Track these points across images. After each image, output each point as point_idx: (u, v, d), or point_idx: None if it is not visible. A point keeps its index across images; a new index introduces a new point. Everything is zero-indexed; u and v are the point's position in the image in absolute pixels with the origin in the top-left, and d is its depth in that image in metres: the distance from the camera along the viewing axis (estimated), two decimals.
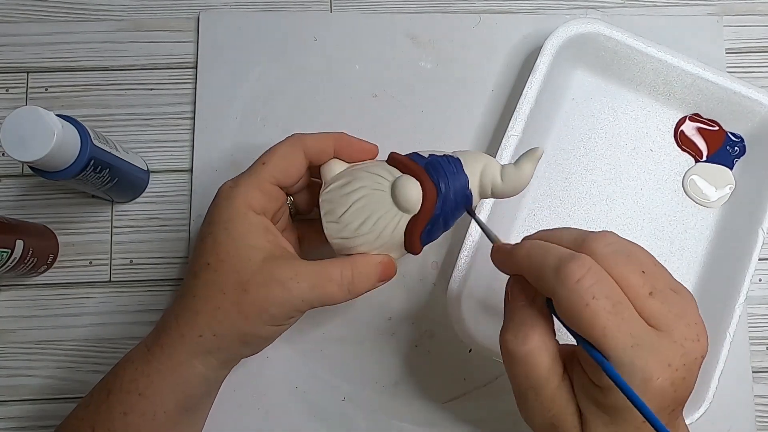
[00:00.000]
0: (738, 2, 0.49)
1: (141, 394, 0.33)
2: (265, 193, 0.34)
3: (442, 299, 0.45)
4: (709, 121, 0.46)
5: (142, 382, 0.33)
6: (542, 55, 0.43)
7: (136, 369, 0.34)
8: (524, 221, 0.45)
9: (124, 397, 0.33)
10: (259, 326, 0.33)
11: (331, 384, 0.44)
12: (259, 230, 0.34)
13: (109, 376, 0.35)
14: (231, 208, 0.34)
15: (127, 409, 0.33)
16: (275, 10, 0.48)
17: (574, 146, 0.46)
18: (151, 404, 0.33)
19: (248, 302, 0.32)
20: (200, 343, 0.33)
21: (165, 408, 0.34)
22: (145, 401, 0.33)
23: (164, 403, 0.34)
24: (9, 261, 0.39)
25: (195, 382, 0.34)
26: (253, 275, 0.32)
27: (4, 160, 0.46)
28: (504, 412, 0.44)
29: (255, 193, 0.34)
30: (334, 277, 0.33)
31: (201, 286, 0.33)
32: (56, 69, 0.47)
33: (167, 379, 0.34)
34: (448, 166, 0.34)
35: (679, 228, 0.45)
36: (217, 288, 0.33)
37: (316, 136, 0.36)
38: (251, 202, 0.34)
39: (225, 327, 0.33)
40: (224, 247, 0.33)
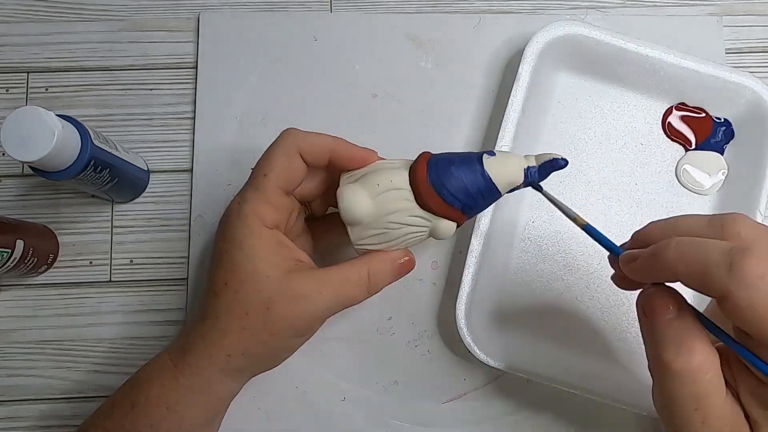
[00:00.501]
0: (738, 2, 0.49)
1: (169, 408, 0.34)
2: (273, 206, 0.34)
3: (442, 299, 0.45)
4: (696, 109, 0.46)
5: (171, 397, 0.34)
6: (524, 62, 0.44)
7: (163, 384, 0.34)
8: (524, 230, 0.45)
9: (150, 411, 0.34)
10: (286, 341, 0.34)
11: (331, 384, 0.44)
12: (272, 246, 0.34)
13: (129, 388, 0.35)
14: (243, 227, 0.33)
15: (154, 422, 0.33)
16: (275, 10, 0.48)
17: (564, 149, 0.46)
18: (179, 418, 0.34)
19: (274, 320, 0.33)
20: (229, 362, 0.34)
21: (193, 421, 0.34)
22: (174, 415, 0.34)
23: (193, 416, 0.34)
24: (9, 261, 0.39)
25: (225, 397, 0.35)
26: (275, 293, 0.33)
27: (4, 160, 0.46)
28: (504, 412, 0.44)
29: (264, 208, 0.34)
30: (353, 280, 0.34)
31: (224, 307, 0.33)
32: (56, 69, 0.47)
33: (198, 395, 0.34)
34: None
35: None
36: (241, 308, 0.33)
37: (312, 140, 0.35)
38: (262, 218, 0.34)
39: (253, 346, 0.33)
40: (241, 266, 0.33)
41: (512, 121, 0.43)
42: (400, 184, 0.33)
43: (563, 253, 0.45)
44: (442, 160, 0.34)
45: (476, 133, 0.47)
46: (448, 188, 0.33)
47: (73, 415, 0.43)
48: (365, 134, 0.46)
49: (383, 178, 0.33)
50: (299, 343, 0.36)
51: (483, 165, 0.33)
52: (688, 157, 0.46)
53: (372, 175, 0.34)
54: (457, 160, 0.34)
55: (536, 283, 0.45)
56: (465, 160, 0.34)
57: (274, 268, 0.33)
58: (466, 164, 0.33)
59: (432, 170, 0.33)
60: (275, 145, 0.35)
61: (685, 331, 0.26)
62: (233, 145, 0.46)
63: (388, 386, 0.44)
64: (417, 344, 0.44)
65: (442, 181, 0.33)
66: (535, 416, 0.44)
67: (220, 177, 0.46)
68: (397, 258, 0.35)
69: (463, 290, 0.41)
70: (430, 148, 0.46)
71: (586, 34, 0.44)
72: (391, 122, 0.47)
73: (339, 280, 0.34)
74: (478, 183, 0.33)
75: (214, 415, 0.36)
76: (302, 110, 0.47)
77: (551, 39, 0.44)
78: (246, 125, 0.46)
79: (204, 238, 0.45)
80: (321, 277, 0.34)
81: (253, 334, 0.33)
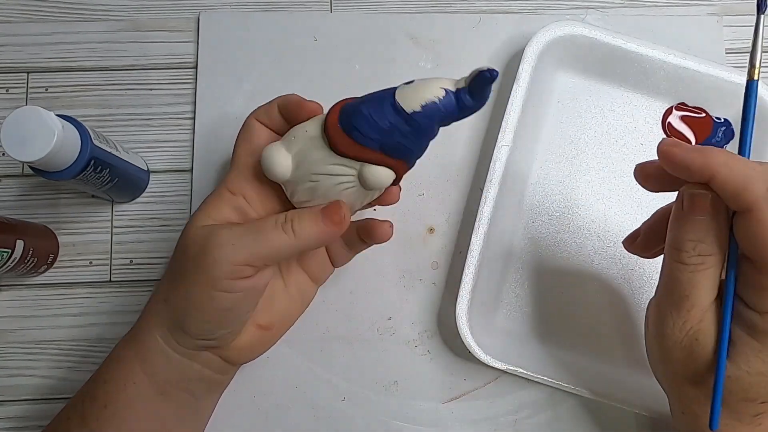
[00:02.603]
0: (738, 2, 0.49)
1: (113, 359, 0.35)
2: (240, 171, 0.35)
3: (442, 299, 0.45)
4: (696, 109, 0.46)
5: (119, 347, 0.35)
6: (524, 62, 0.44)
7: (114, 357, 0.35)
8: (524, 230, 0.45)
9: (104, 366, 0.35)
10: (204, 290, 0.32)
11: (331, 384, 0.44)
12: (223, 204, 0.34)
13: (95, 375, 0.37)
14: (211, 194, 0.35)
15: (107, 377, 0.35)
16: (275, 10, 0.48)
17: (564, 149, 0.46)
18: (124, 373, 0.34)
19: (188, 262, 0.32)
20: (159, 311, 0.34)
21: (135, 380, 0.34)
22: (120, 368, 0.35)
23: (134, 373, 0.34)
24: (9, 261, 0.39)
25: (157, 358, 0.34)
26: (196, 238, 0.33)
27: (4, 160, 0.46)
28: (504, 412, 0.44)
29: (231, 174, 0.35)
30: (270, 222, 0.32)
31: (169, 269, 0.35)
32: (56, 69, 0.47)
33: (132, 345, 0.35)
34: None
35: None
36: (174, 256, 0.34)
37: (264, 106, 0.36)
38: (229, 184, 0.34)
39: (174, 291, 0.33)
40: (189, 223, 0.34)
41: (512, 121, 0.43)
42: (314, 132, 0.32)
43: (563, 253, 0.45)
44: (354, 103, 0.31)
45: (476, 133, 0.47)
46: (357, 128, 0.30)
47: None
48: None
49: (299, 129, 0.33)
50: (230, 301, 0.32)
51: (394, 96, 0.30)
52: None
53: (291, 130, 0.33)
54: (369, 97, 0.31)
55: (537, 282, 0.45)
56: (377, 95, 0.31)
57: (207, 218, 0.33)
58: (376, 99, 0.31)
59: (343, 113, 0.31)
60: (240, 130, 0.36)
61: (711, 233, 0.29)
62: (233, 145, 0.46)
63: (388, 386, 0.44)
64: (417, 344, 0.44)
65: (351, 122, 0.30)
66: (535, 416, 0.44)
67: (220, 177, 0.46)
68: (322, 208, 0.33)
69: (463, 290, 0.41)
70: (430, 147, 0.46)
71: (586, 34, 0.44)
72: None
73: (256, 224, 0.32)
74: (388, 115, 0.30)
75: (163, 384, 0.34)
76: None
77: (551, 39, 0.44)
78: None
79: None
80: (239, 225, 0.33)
81: (173, 278, 0.34)
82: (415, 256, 0.45)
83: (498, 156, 0.42)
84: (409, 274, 0.45)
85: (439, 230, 0.46)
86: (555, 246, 0.45)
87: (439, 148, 0.47)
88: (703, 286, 0.29)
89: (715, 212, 0.29)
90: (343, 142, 0.31)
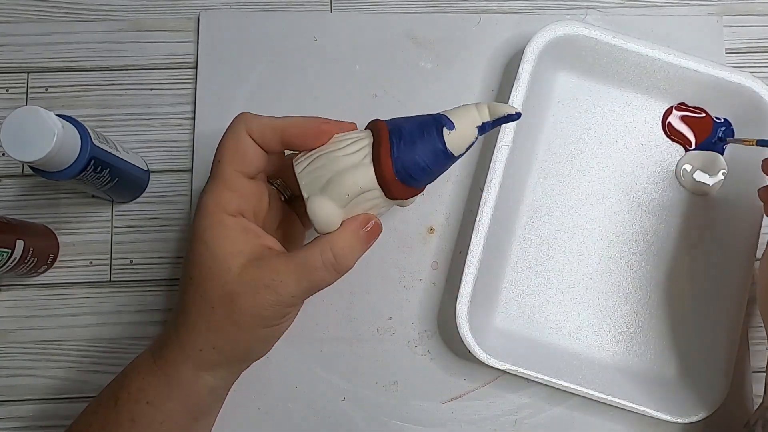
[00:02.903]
0: (738, 2, 0.49)
1: (149, 403, 0.33)
2: (234, 191, 0.33)
3: (442, 299, 0.45)
4: (696, 109, 0.46)
5: (149, 391, 0.34)
6: (524, 62, 0.43)
7: (143, 379, 0.34)
8: (524, 229, 0.45)
9: (132, 406, 0.33)
10: (255, 332, 0.33)
11: (331, 384, 0.44)
12: (236, 233, 0.33)
13: (114, 384, 0.35)
14: (203, 219, 0.33)
15: (135, 417, 0.33)
16: (275, 10, 0.48)
17: (564, 149, 0.46)
18: (159, 413, 0.33)
19: (238, 312, 0.32)
20: (202, 356, 0.33)
21: (173, 417, 0.34)
22: (154, 410, 0.33)
23: (172, 411, 0.34)
24: (9, 261, 0.39)
25: (203, 393, 0.34)
26: (237, 284, 0.32)
27: (4, 160, 0.46)
28: (504, 412, 0.44)
29: (224, 195, 0.33)
30: (317, 264, 0.32)
31: (190, 301, 0.33)
32: (56, 69, 0.47)
33: (175, 390, 0.34)
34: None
35: (678, 219, 0.46)
36: (206, 303, 0.32)
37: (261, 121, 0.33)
38: (223, 206, 0.32)
39: (222, 340, 0.33)
40: (203, 259, 0.32)
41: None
42: (368, 185, 0.32)
43: (563, 253, 0.45)
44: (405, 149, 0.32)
45: None
46: (415, 178, 0.33)
47: (73, 415, 0.42)
48: None
49: (350, 185, 0.32)
50: (273, 333, 0.34)
51: (445, 144, 0.33)
52: (688, 157, 0.46)
53: (336, 182, 0.32)
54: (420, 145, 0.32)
55: (536, 283, 0.45)
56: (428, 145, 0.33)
57: (236, 258, 0.32)
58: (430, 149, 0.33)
59: (397, 164, 0.32)
60: (226, 131, 0.34)
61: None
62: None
63: (388, 386, 0.44)
64: (417, 344, 0.44)
65: (410, 174, 0.33)
66: (535, 416, 0.44)
67: None
68: (360, 227, 0.33)
69: (463, 290, 0.41)
70: None
71: (586, 34, 0.44)
72: None
73: (302, 265, 0.32)
74: (441, 162, 0.33)
75: (199, 411, 0.35)
76: (302, 110, 0.46)
77: (551, 39, 0.44)
78: None
79: None
80: (283, 265, 0.32)
81: (221, 329, 0.33)
82: (415, 256, 0.45)
83: (498, 156, 0.42)
84: (409, 274, 0.45)
85: (439, 230, 0.46)
86: (555, 246, 0.45)
87: None
88: None
89: None
90: (399, 191, 0.33)
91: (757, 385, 0.44)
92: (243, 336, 0.33)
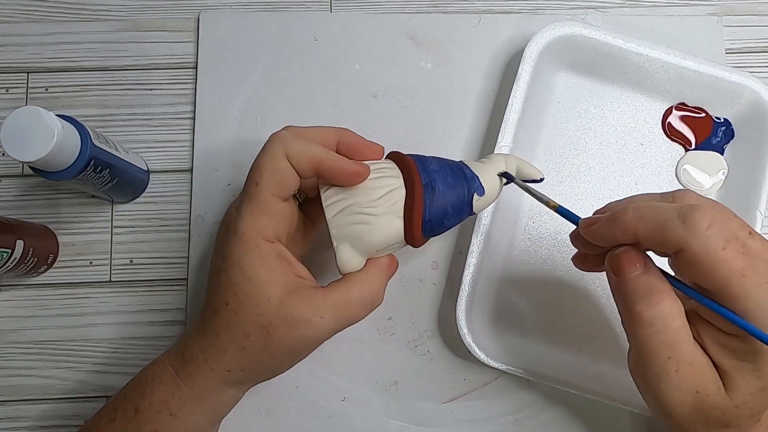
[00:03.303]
0: (738, 2, 0.49)
1: (173, 415, 0.34)
2: (271, 216, 0.33)
3: (442, 299, 0.45)
4: (696, 109, 0.46)
5: (173, 403, 0.34)
6: (524, 62, 0.44)
7: (165, 391, 0.34)
8: (524, 229, 0.45)
9: (154, 417, 0.34)
10: (286, 362, 0.35)
11: (331, 384, 0.44)
12: (273, 262, 0.33)
13: (131, 392, 0.35)
14: (240, 245, 0.33)
15: (158, 428, 0.34)
16: (275, 10, 0.48)
17: (565, 149, 0.46)
18: (182, 424, 0.34)
19: (274, 343, 0.33)
20: (229, 376, 0.34)
21: (196, 427, 0.35)
22: (178, 422, 0.34)
23: (196, 422, 0.34)
24: (9, 261, 0.39)
25: (228, 404, 0.36)
26: (276, 317, 0.32)
27: (4, 160, 0.46)
28: (504, 412, 0.44)
29: (262, 221, 0.33)
30: (355, 301, 0.34)
31: (224, 326, 0.33)
32: (56, 69, 0.47)
33: (199, 403, 0.34)
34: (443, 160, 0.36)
35: None
36: (241, 330, 0.33)
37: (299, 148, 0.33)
38: (261, 232, 0.33)
39: (253, 365, 0.34)
40: (241, 287, 0.32)
41: (512, 121, 0.43)
42: (395, 239, 0.34)
43: (563, 253, 0.45)
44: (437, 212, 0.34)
45: (476, 133, 0.47)
46: (436, 233, 0.36)
47: (73, 415, 0.43)
48: (365, 134, 0.46)
49: (380, 241, 0.34)
50: (299, 360, 0.36)
51: (473, 209, 0.36)
52: (688, 157, 0.46)
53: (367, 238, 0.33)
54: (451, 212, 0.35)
55: (536, 283, 0.45)
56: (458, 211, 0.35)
57: (274, 287, 0.32)
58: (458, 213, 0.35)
59: (427, 226, 0.34)
60: (263, 152, 0.33)
61: (652, 283, 0.29)
62: (233, 145, 0.46)
63: (388, 386, 0.44)
64: (417, 344, 0.44)
65: (434, 230, 0.35)
66: (535, 416, 0.44)
67: (220, 177, 0.46)
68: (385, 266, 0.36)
69: (463, 290, 0.41)
70: (430, 148, 0.46)
71: (586, 34, 0.44)
72: (391, 122, 0.47)
73: (340, 302, 0.33)
74: (461, 220, 0.36)
75: (218, 419, 0.36)
76: (302, 110, 0.47)
77: (551, 39, 0.44)
78: (246, 125, 0.46)
79: (204, 238, 0.45)
80: (321, 300, 0.33)
81: (253, 354, 0.33)
82: (415, 256, 0.45)
83: None
84: (409, 274, 0.45)
85: None
86: (555, 246, 0.45)
87: (439, 148, 0.47)
88: (677, 339, 0.28)
89: (645, 263, 0.29)
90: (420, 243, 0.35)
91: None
92: (274, 363, 0.34)
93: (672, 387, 0.28)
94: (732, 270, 0.26)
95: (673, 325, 0.28)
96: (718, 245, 0.26)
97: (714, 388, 0.28)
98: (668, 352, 0.28)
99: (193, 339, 0.35)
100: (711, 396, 0.28)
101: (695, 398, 0.28)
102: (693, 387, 0.28)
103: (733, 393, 0.28)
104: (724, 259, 0.26)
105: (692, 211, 0.27)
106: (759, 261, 0.26)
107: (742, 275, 0.26)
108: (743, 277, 0.26)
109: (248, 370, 0.34)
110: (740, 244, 0.26)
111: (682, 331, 0.28)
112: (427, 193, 0.34)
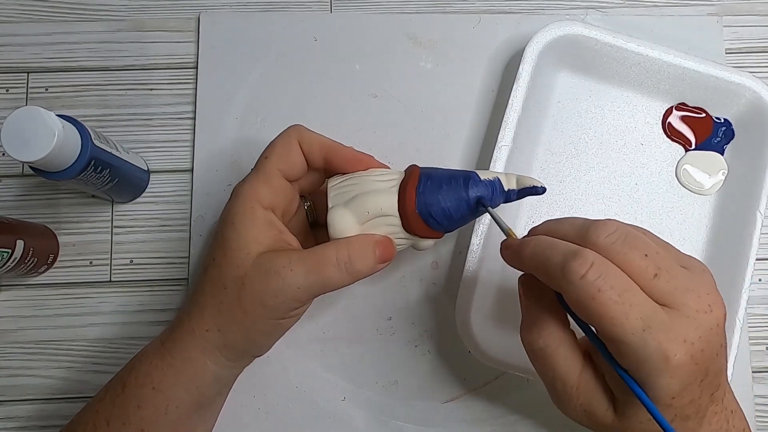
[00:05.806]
0: (738, 2, 0.49)
1: (155, 388, 0.34)
2: (272, 188, 0.35)
3: (442, 299, 0.45)
4: (696, 109, 0.46)
5: (155, 375, 0.34)
6: (524, 63, 0.44)
7: (150, 363, 0.35)
8: (524, 229, 0.45)
9: (138, 391, 0.34)
10: (259, 321, 0.34)
11: (331, 384, 0.44)
12: (263, 224, 0.34)
13: (123, 370, 0.36)
14: (238, 205, 0.34)
15: (141, 403, 0.34)
16: (275, 10, 0.48)
17: (564, 149, 0.46)
18: (164, 398, 0.34)
19: (246, 296, 0.33)
20: (208, 338, 0.34)
21: (178, 403, 0.34)
22: (159, 395, 0.34)
23: (177, 397, 0.34)
24: (9, 261, 0.39)
25: (207, 379, 0.35)
26: (251, 268, 0.33)
27: (4, 160, 0.46)
28: (503, 412, 0.44)
29: (262, 188, 0.34)
30: (330, 260, 0.33)
31: (207, 281, 0.34)
32: (56, 69, 0.47)
33: (180, 375, 0.34)
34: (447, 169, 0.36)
35: (678, 219, 0.46)
36: (220, 283, 0.34)
37: (311, 136, 0.36)
38: (259, 197, 0.34)
39: (228, 322, 0.34)
40: (229, 242, 0.34)
41: (512, 121, 0.43)
42: (389, 210, 0.34)
43: None
44: (431, 188, 0.35)
45: (476, 133, 0.47)
46: (434, 217, 0.35)
47: (73, 415, 0.43)
48: (365, 134, 0.46)
49: (372, 203, 0.34)
50: (276, 327, 0.35)
51: (470, 195, 0.35)
52: (688, 157, 0.46)
53: (361, 199, 0.34)
54: (446, 189, 0.35)
55: None
56: (454, 192, 0.35)
57: (257, 245, 0.33)
58: (454, 195, 0.35)
59: (420, 198, 0.34)
60: (278, 135, 0.36)
61: (541, 313, 0.30)
62: (233, 145, 0.46)
63: (388, 386, 0.44)
64: (417, 344, 0.44)
65: (430, 211, 0.34)
66: (535, 416, 0.44)
67: (220, 177, 0.46)
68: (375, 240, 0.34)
69: (462, 290, 0.41)
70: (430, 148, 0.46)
71: (586, 34, 0.44)
72: (391, 122, 0.47)
73: (314, 258, 0.33)
74: (461, 210, 0.35)
75: (202, 399, 0.35)
76: (302, 110, 0.47)
77: (551, 39, 0.44)
78: (246, 125, 0.46)
79: (204, 238, 0.45)
80: (294, 254, 0.33)
81: (228, 310, 0.33)
82: (415, 256, 0.45)
83: (498, 156, 0.42)
84: (409, 274, 0.45)
85: None
86: None
87: (439, 148, 0.47)
88: (557, 365, 0.29)
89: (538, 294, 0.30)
90: (417, 226, 0.35)
91: (757, 385, 0.44)
92: (248, 322, 0.33)
93: (564, 403, 0.30)
94: (602, 317, 0.26)
95: (555, 353, 0.29)
96: (589, 295, 0.26)
97: (602, 410, 0.29)
98: (553, 375, 0.30)
99: (183, 307, 0.36)
100: (599, 416, 0.29)
101: (585, 415, 0.30)
102: (581, 406, 0.30)
103: (624, 418, 0.29)
104: (594, 308, 0.26)
105: (571, 259, 0.26)
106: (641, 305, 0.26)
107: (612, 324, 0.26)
108: (614, 326, 0.26)
109: (224, 330, 0.34)
110: (617, 292, 0.26)
111: (565, 358, 0.29)
112: (423, 175, 0.35)
